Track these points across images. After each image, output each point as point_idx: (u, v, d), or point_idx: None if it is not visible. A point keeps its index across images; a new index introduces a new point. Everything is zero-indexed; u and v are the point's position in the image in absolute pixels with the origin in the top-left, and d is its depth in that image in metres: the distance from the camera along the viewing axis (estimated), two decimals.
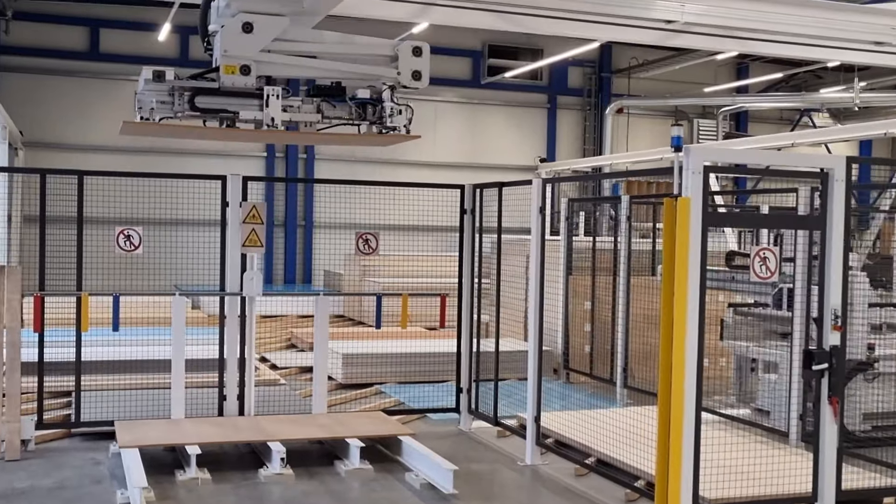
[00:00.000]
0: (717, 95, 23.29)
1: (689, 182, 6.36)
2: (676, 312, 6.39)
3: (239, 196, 8.93)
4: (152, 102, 7.10)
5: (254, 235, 8.84)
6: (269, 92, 7.11)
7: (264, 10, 7.05)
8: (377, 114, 7.53)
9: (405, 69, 7.51)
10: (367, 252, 9.33)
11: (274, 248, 22.28)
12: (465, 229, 9.78)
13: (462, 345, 9.93)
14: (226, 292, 8.93)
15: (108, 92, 21.20)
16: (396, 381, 11.81)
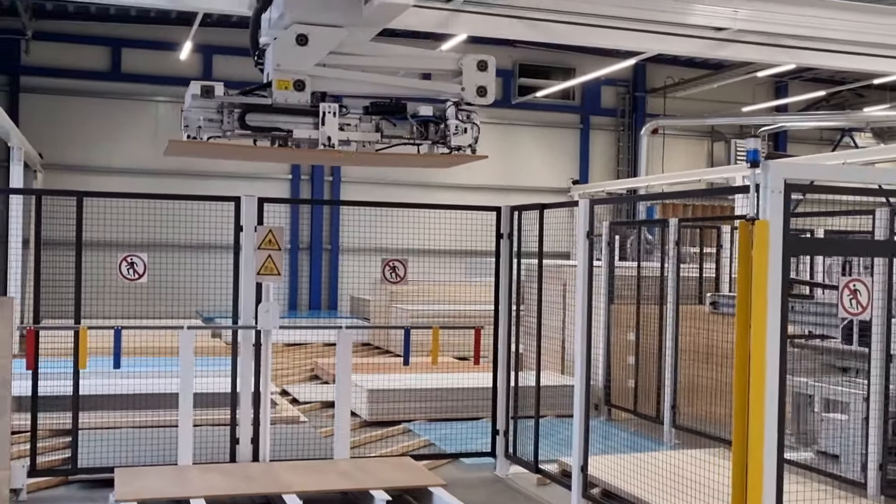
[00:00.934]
0: (756, 115, 22.26)
1: (768, 202, 5.40)
2: (754, 350, 5.43)
3: (254, 220, 8.05)
4: (199, 120, 6.42)
5: (270, 263, 7.93)
6: (326, 109, 6.47)
7: (320, 21, 6.47)
8: (440, 132, 6.83)
9: (469, 84, 6.81)
10: (394, 281, 8.41)
11: (299, 273, 21.45)
12: (502, 255, 8.83)
13: (498, 380, 8.96)
14: (239, 325, 8.03)
15: (131, 112, 20.54)
16: (426, 418, 10.84)
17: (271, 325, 7.96)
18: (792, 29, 10.02)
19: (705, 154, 23.84)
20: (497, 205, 8.97)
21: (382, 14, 6.55)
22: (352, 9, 6.50)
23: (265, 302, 7.99)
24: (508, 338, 8.99)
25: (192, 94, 6.41)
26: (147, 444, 8.59)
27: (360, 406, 10.84)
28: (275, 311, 7.97)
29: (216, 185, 20.23)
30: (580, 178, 22.97)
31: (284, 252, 7.98)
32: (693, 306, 11.27)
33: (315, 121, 6.51)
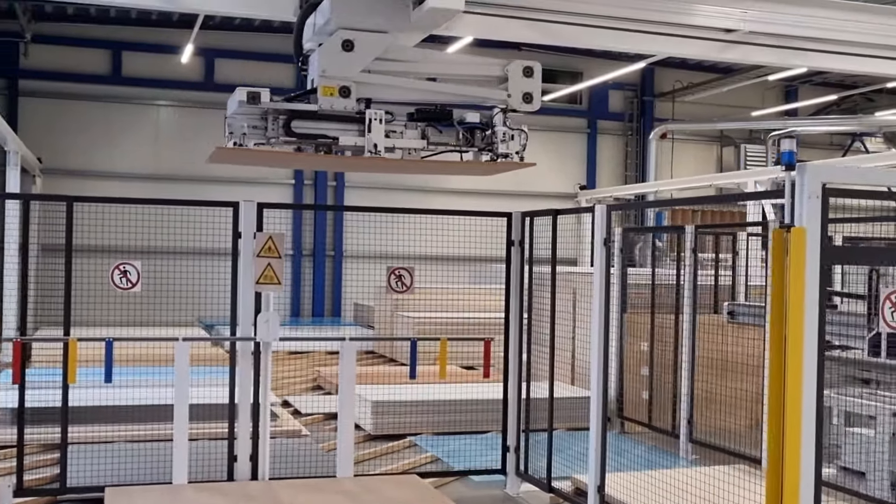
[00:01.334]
0: (766, 119, 21.84)
1: (805, 208, 4.99)
2: (790, 365, 5.02)
3: (253, 226, 7.63)
4: (244, 127, 6.28)
5: (269, 271, 7.52)
6: (372, 116, 6.30)
7: (366, 27, 6.29)
8: (486, 139, 6.64)
9: (515, 91, 6.60)
10: (400, 290, 7.99)
11: (302, 279, 21.06)
12: (513, 262, 8.40)
13: (509, 393, 8.53)
14: (237, 337, 7.61)
15: (132, 116, 20.18)
16: (432, 431, 10.41)
17: (271, 336, 7.54)
18: (803, 31, 9.44)
19: (715, 159, 23.42)
20: (504, 210, 8.56)
21: (431, 19, 6.32)
22: (399, 14, 6.31)
23: (265, 312, 7.57)
24: (520, 348, 8.56)
25: (239, 100, 6.23)
26: (141, 459, 8.18)
27: (364, 419, 10.42)
28: (275, 322, 7.54)
29: (218, 190, 19.79)
30: (587, 183, 22.57)
31: (287, 259, 7.53)
32: (708, 315, 10.85)
33: (360, 128, 6.35)
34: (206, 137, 20.95)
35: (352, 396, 7.98)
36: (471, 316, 15.57)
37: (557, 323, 10.27)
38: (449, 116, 6.62)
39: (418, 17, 6.23)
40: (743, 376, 9.71)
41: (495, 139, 6.60)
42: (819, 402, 5.07)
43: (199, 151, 20.40)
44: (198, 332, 15.45)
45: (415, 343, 7.92)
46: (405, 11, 6.27)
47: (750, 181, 16.48)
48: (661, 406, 10.59)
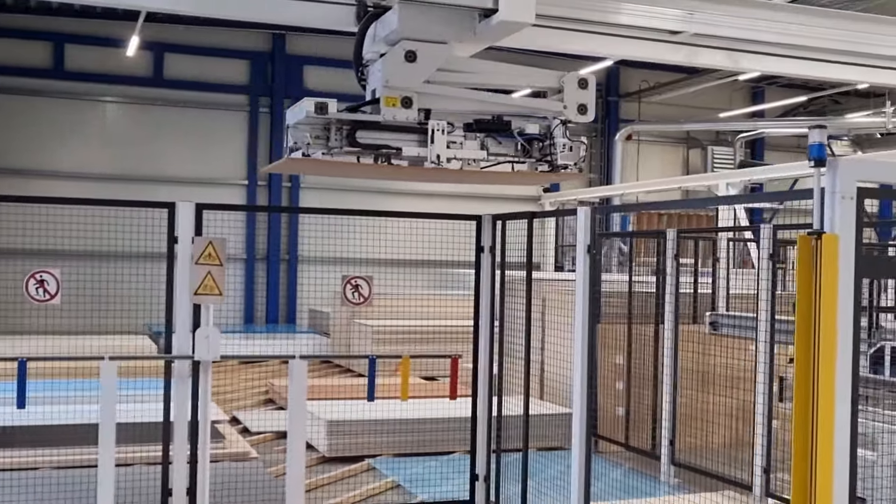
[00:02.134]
0: (734, 120, 21.21)
1: (837, 211, 4.19)
2: (822, 387, 4.23)
3: (191, 229, 6.70)
4: (307, 137, 6.20)
5: (210, 280, 6.59)
6: (435, 127, 6.23)
7: (430, 38, 6.23)
8: (543, 150, 6.57)
9: (571, 102, 6.50)
10: (357, 302, 7.09)
11: (255, 284, 20.05)
12: (483, 269, 7.54)
13: (479, 415, 7.67)
14: (172, 356, 6.66)
15: (78, 113, 19.07)
16: (393, 452, 9.53)
17: (210, 354, 6.61)
18: (751, 34, 8.58)
19: (681, 161, 22.75)
20: (467, 213, 7.73)
21: (499, 32, 6.31)
22: (464, 25, 6.24)
23: (204, 327, 6.64)
24: (490, 362, 7.71)
25: (307, 110, 6.12)
26: (63, 490, 7.22)
27: (318, 439, 9.51)
28: (215, 338, 6.61)
29: (172, 191, 18.78)
30: (551, 185, 21.76)
31: (239, 263, 6.64)
32: (687, 326, 10.08)
33: (420, 138, 6.31)
34: (156, 135, 20.04)
35: (303, 420, 7.07)
36: (434, 324, 14.68)
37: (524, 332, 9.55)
38: (508, 127, 6.55)
39: (486, 30, 6.23)
40: (725, 391, 8.96)
41: (554, 150, 6.53)
42: (853, 436, 4.31)
43: (150, 150, 19.52)
44: (143, 340, 14.43)
45: (373, 361, 7.03)
46: (470, 23, 6.26)
47: (721, 183, 15.77)
48: (638, 424, 9.79)
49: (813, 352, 4.22)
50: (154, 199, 14.38)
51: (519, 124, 6.61)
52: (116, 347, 11.63)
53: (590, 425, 6.39)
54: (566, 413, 10.01)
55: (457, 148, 6.47)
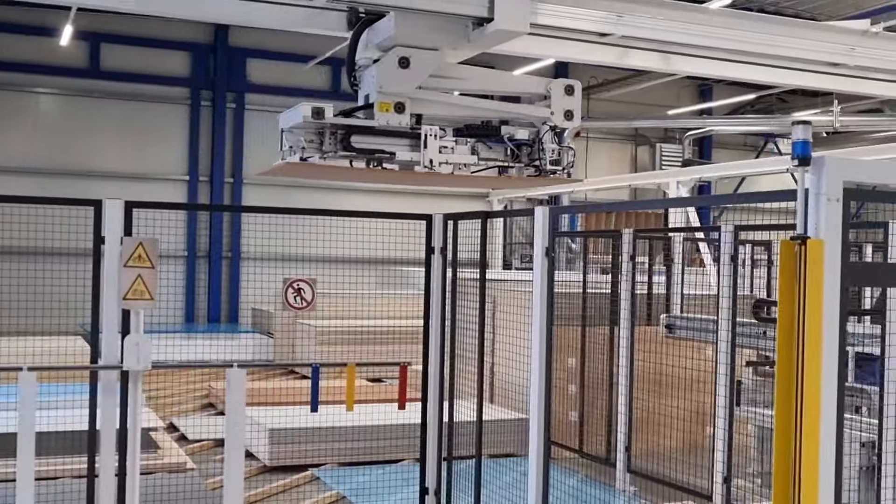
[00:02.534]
0: (682, 118, 21.04)
1: (822, 214, 3.85)
2: (807, 398, 3.91)
3: (119, 229, 6.18)
4: (302, 141, 6.37)
5: (140, 284, 6.08)
6: (427, 132, 6.44)
7: (424, 45, 6.36)
8: (533, 155, 6.85)
9: (558, 108, 6.76)
10: (299, 307, 6.64)
11: (196, 283, 19.42)
12: (433, 271, 7.12)
13: (429, 423, 7.25)
14: (98, 365, 6.15)
15: (7, 104, 18.25)
16: (338, 462, 9.07)
17: (141, 364, 6.11)
18: (678, 37, 8.23)
19: (629, 158, 22.52)
20: (416, 211, 7.34)
21: (493, 40, 6.47)
22: (457, 33, 6.39)
23: (134, 334, 6.13)
24: (441, 369, 7.29)
25: (304, 115, 6.24)
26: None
27: (260, 448, 9.02)
28: (145, 346, 6.11)
29: (109, 186, 18.18)
30: None
31: (180, 261, 6.15)
32: (641, 327, 9.76)
33: (412, 143, 6.48)
34: (92, 129, 19.28)
35: (241, 431, 6.58)
36: (381, 324, 14.28)
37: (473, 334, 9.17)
38: (497, 132, 6.73)
39: (478, 38, 6.34)
40: (682, 395, 8.65)
41: (543, 155, 6.78)
42: (839, 453, 3.99)
43: (86, 143, 18.77)
44: (76, 342, 13.78)
45: (316, 371, 6.58)
46: (464, 31, 6.39)
47: (672, 182, 15.53)
48: (592, 429, 9.45)
49: (796, 361, 3.88)
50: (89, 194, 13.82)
51: (508, 130, 6.79)
52: (47, 349, 11.03)
53: (547, 433, 5.99)
54: (519, 419, 9.66)
55: (448, 153, 6.62)
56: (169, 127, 19.36)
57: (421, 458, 7.33)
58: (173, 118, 19.38)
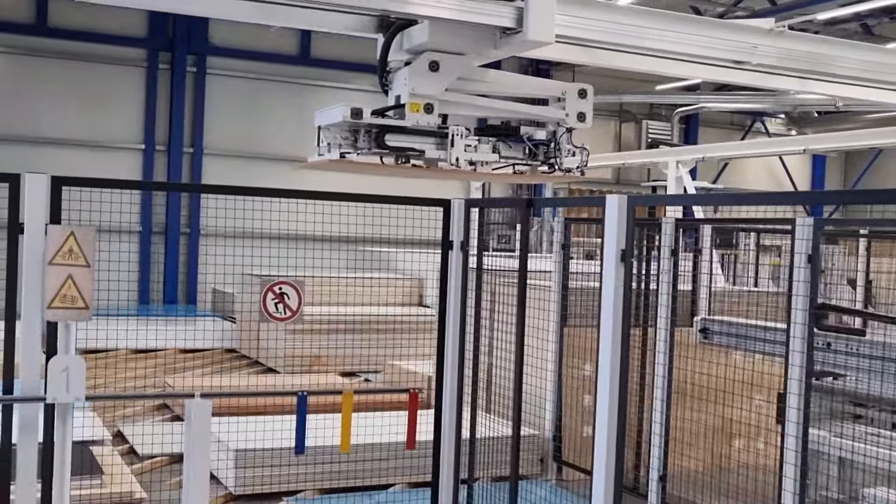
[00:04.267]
0: (670, 94, 19.59)
1: None
2: None
3: (43, 214, 4.55)
4: (338, 138, 6.80)
5: (71, 288, 4.47)
6: (455, 132, 6.91)
7: (454, 50, 6.77)
8: (549, 154, 7.35)
9: (572, 110, 7.33)
10: (282, 317, 5.06)
11: (152, 260, 17.67)
12: (452, 270, 5.57)
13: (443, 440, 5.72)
14: (13, 397, 4.53)
15: None
16: (317, 488, 7.51)
17: (72, 395, 4.50)
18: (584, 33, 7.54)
19: (612, 135, 21.02)
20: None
21: (520, 48, 6.84)
22: (487, 41, 6.72)
23: (61, 356, 4.52)
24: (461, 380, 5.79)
25: (343, 115, 6.57)
26: None
27: (225, 472, 7.43)
28: (77, 370, 4.51)
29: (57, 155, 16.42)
30: None
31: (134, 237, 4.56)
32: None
33: (439, 141, 6.89)
34: (39, 91, 17.34)
35: (204, 474, 5.01)
36: (359, 312, 12.71)
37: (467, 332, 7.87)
38: (517, 132, 7.24)
39: (506, 45, 6.69)
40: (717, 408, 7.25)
41: (559, 154, 7.28)
42: None
43: (32, 107, 16.83)
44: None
45: (303, 401, 4.99)
46: (492, 39, 6.72)
47: (671, 161, 14.05)
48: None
49: None
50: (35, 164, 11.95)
51: (527, 130, 7.30)
52: None
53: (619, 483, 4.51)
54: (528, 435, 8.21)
55: (472, 151, 7.05)
56: (123, 91, 17.52)
57: (433, 480, 5.81)
58: (128, 82, 17.53)
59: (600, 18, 7.61)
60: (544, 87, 7.67)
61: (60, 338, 4.55)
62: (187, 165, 18.00)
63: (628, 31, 7.68)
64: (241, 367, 12.84)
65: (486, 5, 6.48)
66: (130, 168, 17.44)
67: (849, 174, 23.50)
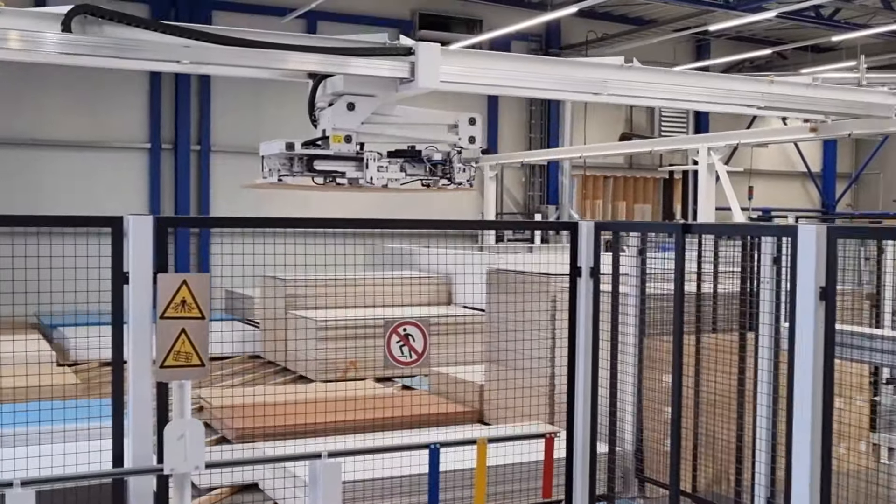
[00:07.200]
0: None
1: None
2: None
3: (149, 260, 3.97)
4: (277, 165, 8.74)
5: (185, 343, 3.91)
6: (369, 157, 8.75)
7: (365, 93, 8.64)
8: (445, 171, 9.11)
9: (463, 135, 9.14)
10: (408, 361, 4.51)
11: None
12: (581, 300, 5.04)
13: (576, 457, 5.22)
14: (127, 469, 3.96)
15: None
16: None
17: (190, 464, 3.94)
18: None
19: (623, 120, 20.50)
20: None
21: (415, 91, 8.72)
22: (389, 86, 8.73)
23: (177, 421, 3.96)
24: (595, 398, 5.29)
25: (279, 148, 8.61)
26: None
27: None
28: (196, 435, 3.95)
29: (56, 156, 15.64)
30: (489, 146, 19.28)
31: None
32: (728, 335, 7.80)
33: (358, 164, 8.81)
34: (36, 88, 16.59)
35: None
36: (390, 315, 12.09)
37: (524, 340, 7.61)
38: (419, 155, 9.04)
39: (406, 88, 8.70)
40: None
41: (453, 172, 9.09)
42: None
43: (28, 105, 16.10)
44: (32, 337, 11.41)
45: (436, 453, 4.43)
46: (393, 85, 8.73)
47: (702, 147, 13.55)
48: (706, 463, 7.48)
49: None
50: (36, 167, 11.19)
51: (427, 152, 9.08)
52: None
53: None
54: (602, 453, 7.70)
55: (384, 171, 8.88)
56: (126, 87, 16.76)
57: (567, 499, 5.30)
58: (132, 80, 16.78)
59: (477, 66, 9.28)
60: (441, 117, 9.26)
61: (174, 400, 3.98)
62: (195, 163, 17.32)
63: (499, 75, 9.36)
64: (271, 376, 12.25)
65: (387, 62, 8.46)
66: (136, 168, 16.78)
67: (860, 155, 23.20)
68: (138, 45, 7.63)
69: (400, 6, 18.48)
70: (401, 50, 8.61)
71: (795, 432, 3.87)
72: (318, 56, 8.27)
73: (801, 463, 3.84)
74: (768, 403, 6.31)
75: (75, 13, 7.44)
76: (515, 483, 6.29)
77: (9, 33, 7.15)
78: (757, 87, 10.95)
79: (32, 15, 7.79)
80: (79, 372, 10.92)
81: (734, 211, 13.43)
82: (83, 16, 7.51)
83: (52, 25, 7.44)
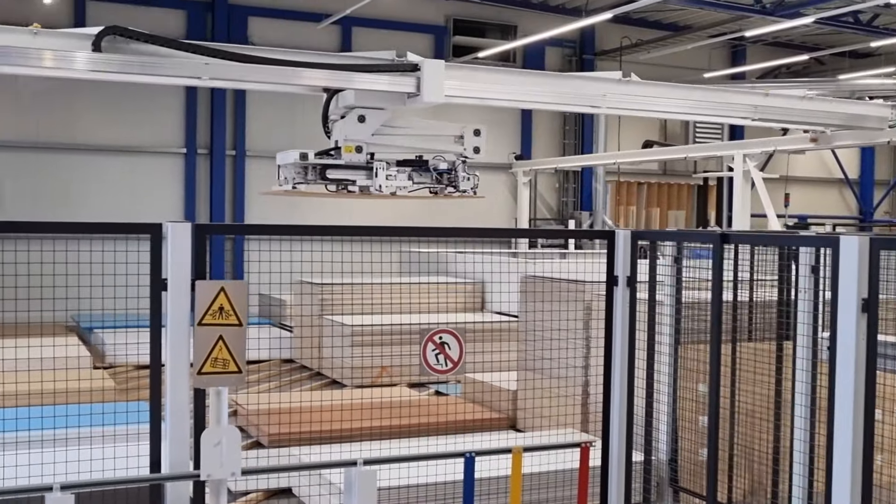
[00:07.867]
0: (719, 82, 18.94)
1: None
2: None
3: (187, 267, 4.00)
4: (292, 173, 9.38)
5: (222, 350, 3.93)
6: (378, 166, 9.24)
7: (375, 106, 9.24)
8: (451, 179, 9.59)
9: (469, 145, 9.68)
10: (443, 370, 4.51)
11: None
12: (618, 309, 5.02)
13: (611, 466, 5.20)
14: (164, 475, 3.98)
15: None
16: None
17: (227, 470, 3.96)
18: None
19: (658, 125, 20.37)
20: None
21: (421, 105, 9.37)
22: (398, 100, 9.32)
23: (213, 427, 3.98)
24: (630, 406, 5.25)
25: (294, 158, 9.25)
26: None
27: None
28: (232, 442, 3.97)
29: (92, 161, 15.82)
30: (523, 152, 19.26)
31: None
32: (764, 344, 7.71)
33: (368, 173, 9.33)
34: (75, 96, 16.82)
35: None
36: (424, 321, 12.10)
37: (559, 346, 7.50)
38: (426, 164, 9.59)
39: (412, 103, 9.36)
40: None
41: (458, 181, 9.59)
42: None
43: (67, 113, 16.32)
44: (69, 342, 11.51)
45: (471, 462, 4.43)
46: (401, 99, 9.35)
47: (738, 153, 13.44)
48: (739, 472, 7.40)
49: None
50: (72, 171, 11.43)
51: (433, 162, 9.56)
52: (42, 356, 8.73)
53: None
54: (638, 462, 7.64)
55: (392, 179, 9.33)
56: (162, 93, 16.92)
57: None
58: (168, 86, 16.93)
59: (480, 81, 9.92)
60: (447, 129, 9.75)
61: (211, 406, 4.00)
62: (230, 168, 17.44)
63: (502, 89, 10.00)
64: (304, 380, 12.29)
65: (395, 77, 9.11)
66: (173, 172, 16.92)
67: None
68: (161, 63, 8.32)
69: (435, 12, 18.49)
70: (407, 66, 9.19)
71: (836, 445, 3.82)
72: (327, 72, 8.91)
73: (842, 476, 3.79)
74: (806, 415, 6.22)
75: (105, 34, 8.08)
76: (549, 491, 6.26)
77: (44, 53, 7.79)
78: (750, 99, 11.49)
79: (65, 35, 8.43)
80: (116, 375, 11.02)
81: (770, 218, 13.31)
82: (112, 36, 8.10)
83: (83, 45, 8.07)
